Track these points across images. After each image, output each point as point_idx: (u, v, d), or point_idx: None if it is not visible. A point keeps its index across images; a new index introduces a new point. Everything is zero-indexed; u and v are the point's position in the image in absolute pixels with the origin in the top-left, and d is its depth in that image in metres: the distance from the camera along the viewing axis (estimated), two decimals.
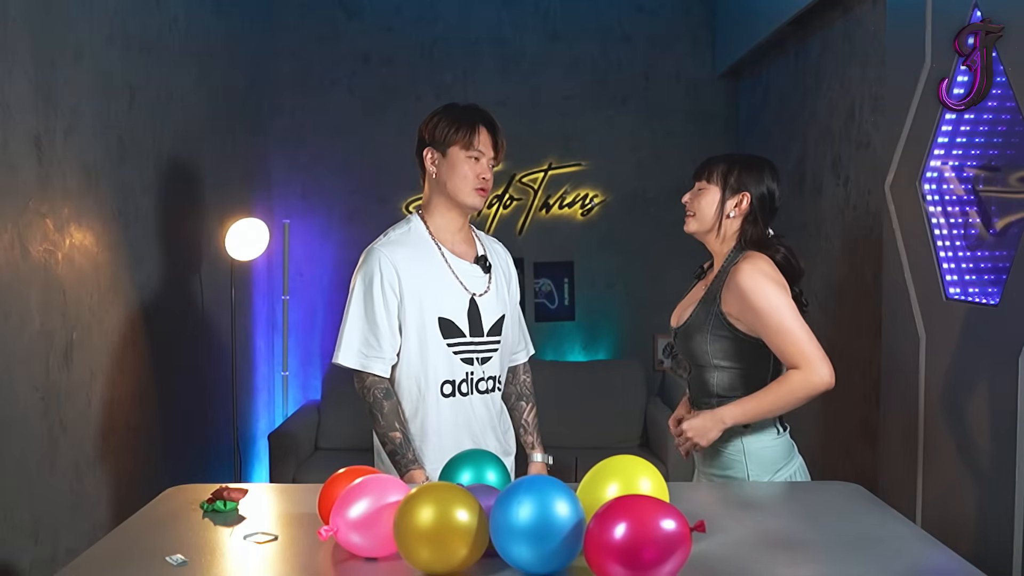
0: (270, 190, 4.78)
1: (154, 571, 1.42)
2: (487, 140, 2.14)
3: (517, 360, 2.35)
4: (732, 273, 2.00)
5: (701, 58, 4.91)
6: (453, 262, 2.15)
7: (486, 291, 2.18)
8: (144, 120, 3.11)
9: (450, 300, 2.13)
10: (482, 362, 2.16)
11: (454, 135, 2.11)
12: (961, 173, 2.37)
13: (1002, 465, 2.03)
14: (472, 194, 2.12)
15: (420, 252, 2.13)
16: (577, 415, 4.46)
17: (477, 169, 2.12)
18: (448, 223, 2.17)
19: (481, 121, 2.14)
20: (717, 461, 2.05)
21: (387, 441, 2.07)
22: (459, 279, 2.14)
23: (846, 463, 3.26)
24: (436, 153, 2.13)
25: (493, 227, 4.90)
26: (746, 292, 1.96)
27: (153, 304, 3.19)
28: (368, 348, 2.09)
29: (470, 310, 2.14)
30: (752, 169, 2.09)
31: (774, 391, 1.95)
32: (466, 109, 2.17)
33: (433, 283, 2.11)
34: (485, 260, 2.20)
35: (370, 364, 2.09)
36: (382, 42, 4.87)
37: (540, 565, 1.33)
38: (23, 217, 2.33)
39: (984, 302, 2.17)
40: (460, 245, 2.19)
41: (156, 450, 3.21)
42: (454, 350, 2.12)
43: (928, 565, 1.45)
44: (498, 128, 2.17)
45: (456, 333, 2.13)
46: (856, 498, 1.78)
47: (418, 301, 2.10)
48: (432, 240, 2.16)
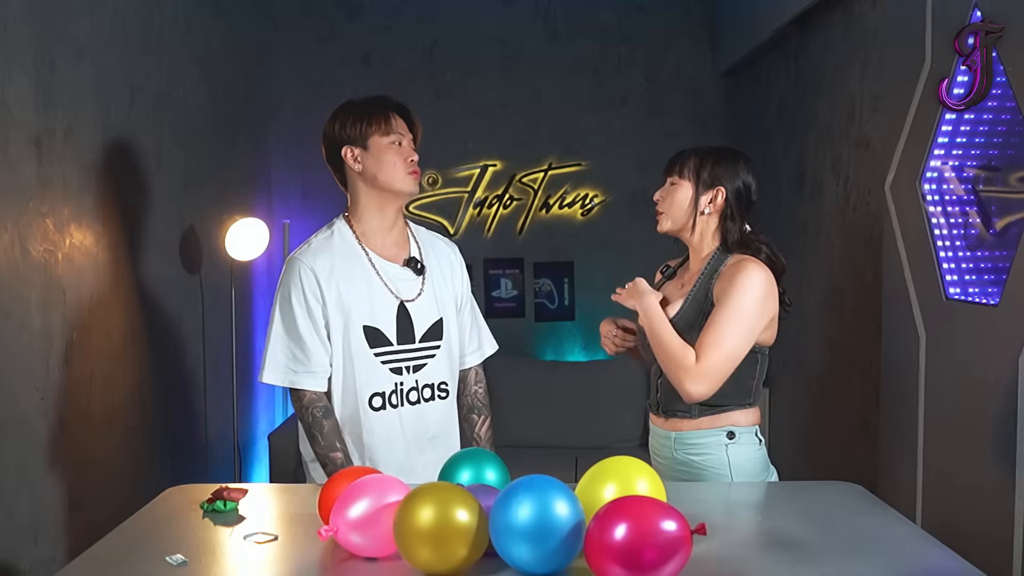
0: (270, 190, 4.78)
1: (154, 571, 1.42)
2: (402, 123, 2.07)
3: (467, 363, 2.21)
4: (733, 268, 1.92)
5: (701, 58, 4.91)
6: (380, 266, 2.05)
7: (418, 295, 2.07)
8: (144, 120, 3.11)
9: (376, 307, 2.02)
10: (414, 370, 2.05)
11: (368, 126, 2.03)
12: (961, 173, 2.37)
13: (1002, 465, 2.03)
14: (406, 178, 2.03)
15: (343, 258, 2.03)
16: (577, 415, 4.46)
17: (403, 152, 2.04)
18: (379, 224, 2.07)
19: (390, 106, 2.07)
20: (700, 476, 1.98)
21: (328, 462, 1.97)
22: (386, 284, 2.04)
23: (846, 463, 3.26)
24: (356, 149, 2.03)
25: (493, 227, 4.91)
26: (736, 284, 1.89)
27: (153, 304, 3.19)
28: (296, 363, 1.99)
29: (399, 317, 2.04)
30: (726, 161, 1.99)
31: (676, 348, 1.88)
32: (371, 99, 2.09)
33: (357, 290, 2.01)
34: (416, 262, 2.09)
35: (299, 380, 1.99)
36: (382, 42, 4.86)
37: (540, 565, 1.33)
38: (23, 217, 2.33)
39: (984, 302, 2.17)
40: (390, 248, 2.09)
41: (156, 450, 3.21)
42: (382, 360, 2.02)
43: (928, 565, 1.45)
44: (408, 109, 2.10)
45: (383, 342, 2.02)
46: (856, 498, 1.78)
47: (342, 309, 1.99)
48: (357, 244, 2.05)
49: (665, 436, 2.03)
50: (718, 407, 1.96)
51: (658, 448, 2.07)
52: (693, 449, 1.98)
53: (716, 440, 1.96)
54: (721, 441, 1.96)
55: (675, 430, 2.01)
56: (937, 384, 2.34)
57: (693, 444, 1.98)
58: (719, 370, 1.87)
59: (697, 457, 1.98)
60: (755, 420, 2.01)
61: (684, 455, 1.99)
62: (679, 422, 2.00)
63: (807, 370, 3.70)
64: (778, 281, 1.99)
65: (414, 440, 2.06)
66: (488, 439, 2.21)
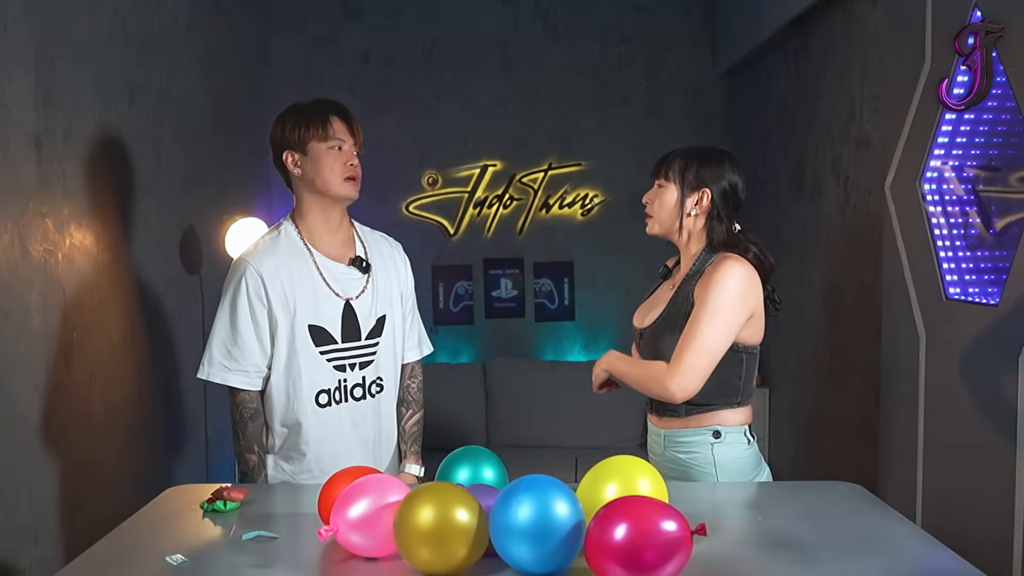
0: (270, 190, 4.78)
1: (154, 571, 1.42)
2: (342, 128, 2.07)
3: (406, 358, 2.26)
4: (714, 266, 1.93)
5: (701, 58, 4.91)
6: (325, 266, 2.08)
7: (362, 292, 2.11)
8: (144, 120, 3.11)
9: (322, 306, 2.06)
10: (360, 367, 2.10)
11: (306, 131, 2.05)
12: (961, 173, 2.37)
13: (1002, 465, 2.03)
14: (343, 185, 2.05)
15: (289, 258, 2.06)
16: (577, 415, 4.46)
17: (342, 158, 2.05)
18: (323, 225, 2.11)
19: (331, 111, 2.08)
20: (688, 473, 2.00)
21: (242, 461, 2.07)
22: (329, 284, 2.07)
23: (846, 463, 3.26)
24: (296, 154, 2.07)
25: (493, 227, 4.91)
26: (713, 280, 1.89)
27: (153, 304, 3.19)
28: (230, 361, 2.04)
29: (344, 315, 2.08)
30: (710, 163, 1.99)
31: (643, 369, 1.97)
32: (312, 104, 2.11)
33: (302, 289, 2.05)
34: (362, 261, 2.13)
35: (230, 378, 2.04)
36: (382, 42, 4.87)
37: (540, 565, 1.33)
38: (23, 217, 2.33)
39: (984, 302, 2.17)
40: (336, 247, 2.12)
41: (156, 450, 3.21)
42: (327, 358, 2.06)
43: (928, 565, 1.45)
44: (349, 114, 2.11)
45: (328, 340, 2.06)
46: (856, 498, 1.78)
47: (287, 309, 2.03)
48: (303, 244, 2.09)
49: (657, 434, 2.08)
50: (704, 406, 1.97)
51: (652, 445, 2.12)
52: (681, 447, 2.01)
53: (702, 439, 1.98)
54: (707, 440, 1.97)
55: (666, 428, 2.04)
56: (937, 384, 2.34)
57: (681, 442, 2.01)
58: (696, 365, 1.87)
59: (684, 455, 2.00)
60: (744, 420, 2.01)
61: (673, 452, 2.02)
62: (670, 420, 2.03)
63: (807, 370, 3.70)
64: (767, 281, 1.99)
65: (357, 434, 2.12)
66: (413, 434, 2.26)
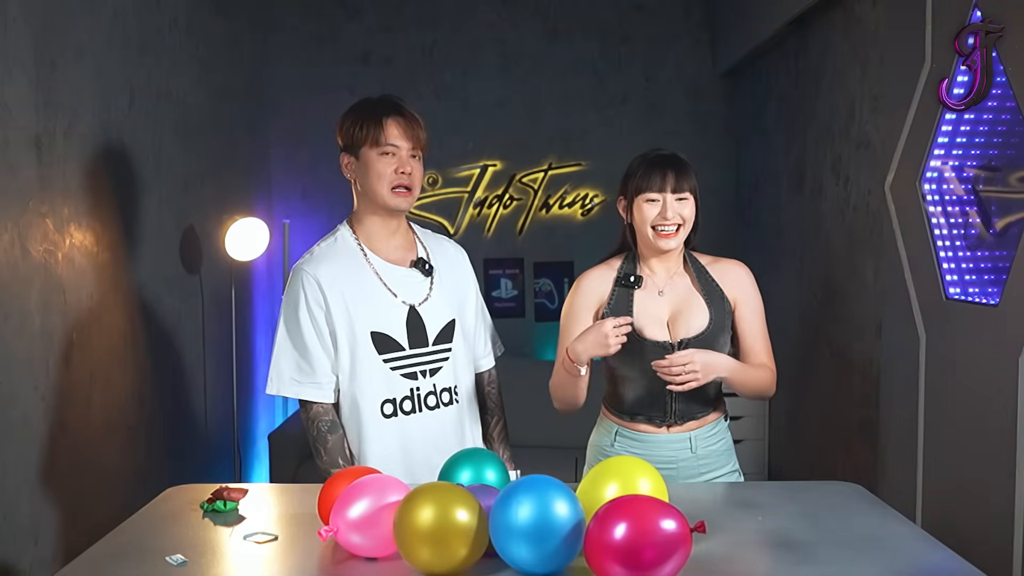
0: (270, 190, 4.78)
1: (154, 571, 1.42)
2: (398, 132, 1.94)
3: (482, 367, 2.16)
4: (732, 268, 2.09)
5: (701, 58, 4.91)
6: (385, 270, 1.99)
7: (427, 297, 2.01)
8: (144, 120, 3.11)
9: (384, 312, 1.96)
10: (431, 375, 2.00)
11: (361, 134, 1.94)
12: (961, 173, 2.37)
13: (1002, 465, 2.03)
14: (391, 195, 1.95)
15: (347, 264, 1.98)
16: (577, 415, 4.43)
17: (393, 164, 1.94)
18: (380, 229, 2.01)
19: (389, 112, 1.95)
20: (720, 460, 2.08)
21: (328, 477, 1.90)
22: (391, 289, 1.98)
23: (846, 463, 3.26)
24: (350, 157, 1.99)
25: (493, 227, 4.91)
26: (749, 283, 2.07)
27: (153, 304, 3.19)
28: (300, 375, 1.95)
29: (409, 320, 1.98)
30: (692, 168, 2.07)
31: (758, 374, 2.02)
32: (374, 103, 1.98)
33: (363, 296, 1.96)
34: (424, 263, 2.03)
35: (303, 391, 1.95)
36: (382, 42, 4.86)
37: (540, 565, 1.33)
38: (23, 217, 2.33)
39: (984, 302, 2.17)
40: (395, 251, 2.03)
41: (156, 450, 3.21)
42: (391, 366, 1.96)
43: (928, 565, 1.45)
44: (410, 115, 1.97)
45: (393, 347, 1.96)
46: (856, 498, 1.78)
47: (347, 317, 1.94)
48: (360, 249, 2.00)
49: (680, 440, 2.04)
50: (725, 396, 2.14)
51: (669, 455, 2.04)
52: (711, 440, 2.07)
53: (723, 425, 2.11)
54: (725, 426, 2.12)
55: (692, 430, 2.06)
56: (937, 384, 2.34)
57: (711, 435, 2.08)
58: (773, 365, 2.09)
59: (715, 446, 2.07)
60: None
61: (705, 449, 2.06)
62: (695, 423, 2.06)
63: (807, 370, 3.70)
64: None
65: (431, 445, 1.99)
66: (501, 440, 2.19)
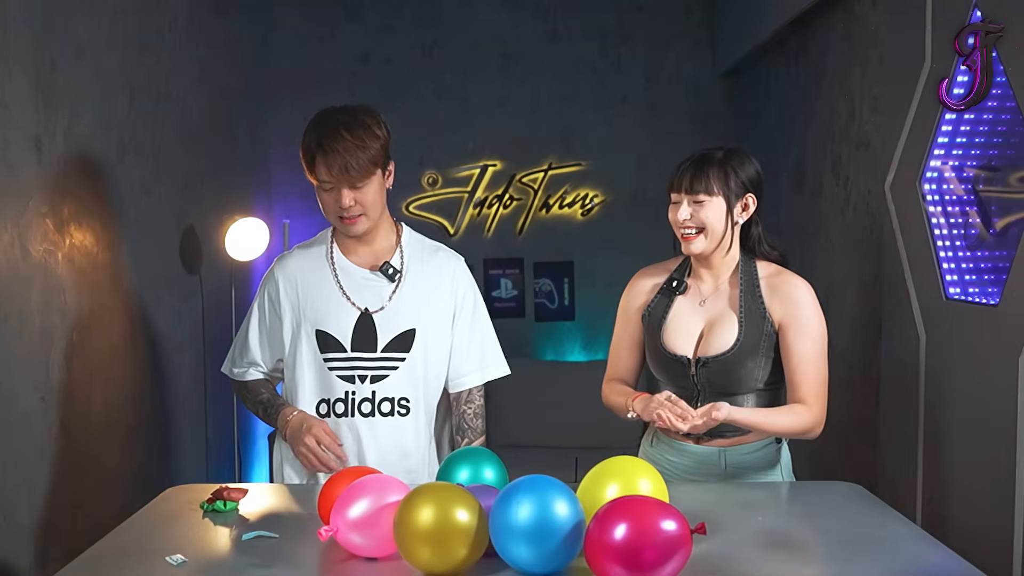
0: (270, 190, 4.78)
1: (154, 571, 1.42)
2: (325, 170, 1.88)
3: (462, 385, 2.08)
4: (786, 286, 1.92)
5: (701, 58, 4.91)
6: (347, 274, 2.01)
7: (384, 305, 1.99)
8: (144, 120, 3.11)
9: (334, 313, 1.98)
10: (372, 381, 1.97)
11: (304, 162, 1.93)
12: (961, 173, 2.37)
13: (1002, 465, 2.03)
14: (340, 224, 1.96)
15: (312, 264, 2.05)
16: (577, 415, 4.45)
17: (334, 196, 1.91)
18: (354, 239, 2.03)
19: (321, 145, 1.87)
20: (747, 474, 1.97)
21: (258, 405, 2.08)
22: (346, 291, 2.00)
23: (846, 463, 3.26)
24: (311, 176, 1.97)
25: (493, 227, 4.91)
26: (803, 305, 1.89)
27: (153, 304, 3.19)
28: (238, 357, 2.13)
29: (359, 324, 1.98)
30: (744, 163, 1.92)
31: (782, 421, 1.86)
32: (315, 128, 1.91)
33: (316, 295, 2.01)
34: (389, 267, 2.00)
35: (234, 371, 2.14)
36: (382, 42, 4.86)
37: (540, 565, 1.33)
38: (23, 217, 2.33)
39: (984, 302, 2.17)
40: (368, 256, 2.03)
41: (156, 450, 3.21)
42: (329, 366, 1.98)
43: (928, 565, 1.45)
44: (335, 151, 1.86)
45: (334, 347, 1.98)
46: (856, 498, 1.78)
47: (296, 313, 2.02)
48: (328, 251, 2.05)
49: (710, 453, 1.98)
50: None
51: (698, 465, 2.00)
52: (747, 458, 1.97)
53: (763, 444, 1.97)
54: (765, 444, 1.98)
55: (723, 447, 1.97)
56: (937, 384, 2.34)
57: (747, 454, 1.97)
58: (824, 399, 1.90)
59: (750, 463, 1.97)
60: None
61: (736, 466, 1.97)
62: (725, 440, 1.96)
63: None
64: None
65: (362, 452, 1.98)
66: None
